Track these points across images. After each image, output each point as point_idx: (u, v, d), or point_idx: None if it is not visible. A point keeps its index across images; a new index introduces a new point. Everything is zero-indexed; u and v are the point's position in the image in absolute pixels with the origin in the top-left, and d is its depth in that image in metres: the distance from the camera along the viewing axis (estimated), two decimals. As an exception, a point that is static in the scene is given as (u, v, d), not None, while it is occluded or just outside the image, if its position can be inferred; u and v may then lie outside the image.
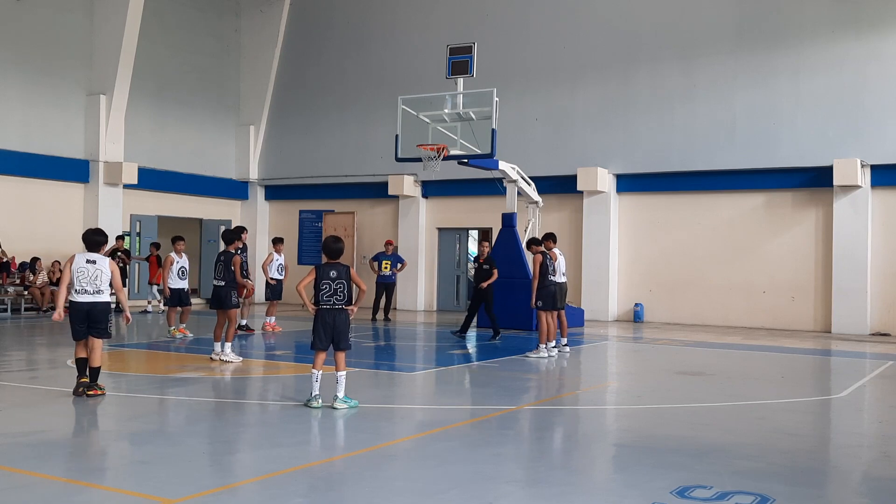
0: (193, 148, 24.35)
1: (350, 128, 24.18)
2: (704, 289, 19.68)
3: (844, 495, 5.83)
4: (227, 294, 11.69)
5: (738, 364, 13.03)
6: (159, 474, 5.86)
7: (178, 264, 14.63)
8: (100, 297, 8.62)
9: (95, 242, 8.78)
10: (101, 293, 8.61)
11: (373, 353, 13.36)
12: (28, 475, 5.70)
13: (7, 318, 17.86)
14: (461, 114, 15.84)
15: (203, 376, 10.28)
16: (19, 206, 19.92)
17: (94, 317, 8.62)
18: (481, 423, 7.94)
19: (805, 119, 18.61)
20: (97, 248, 8.77)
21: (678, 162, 19.83)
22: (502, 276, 17.50)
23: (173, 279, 14.51)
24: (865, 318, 17.94)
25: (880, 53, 18.01)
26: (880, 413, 9.27)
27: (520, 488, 5.72)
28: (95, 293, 8.58)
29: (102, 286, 8.60)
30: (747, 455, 6.61)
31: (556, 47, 21.35)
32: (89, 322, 8.63)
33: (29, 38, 20.32)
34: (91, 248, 8.74)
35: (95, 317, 8.62)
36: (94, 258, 8.67)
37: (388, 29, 23.74)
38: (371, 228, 24.00)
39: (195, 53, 24.45)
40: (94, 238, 8.80)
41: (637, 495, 5.45)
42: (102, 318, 8.66)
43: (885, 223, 18.07)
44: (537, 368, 11.66)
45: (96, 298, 8.60)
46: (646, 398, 9.64)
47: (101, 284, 8.60)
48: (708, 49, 19.63)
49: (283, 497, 5.33)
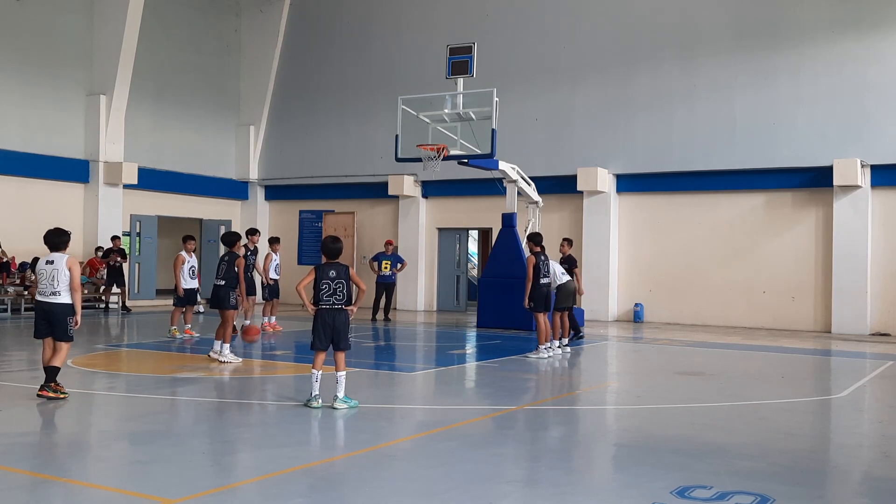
0: (193, 148, 24.35)
1: (350, 128, 24.18)
2: (704, 289, 19.68)
3: (844, 495, 5.83)
4: (226, 294, 11.65)
5: (738, 364, 13.03)
6: (159, 474, 5.86)
7: (189, 263, 14.57)
8: (56, 299, 8.45)
9: (54, 244, 8.60)
10: (57, 294, 8.44)
11: (373, 353, 13.36)
12: (28, 475, 5.70)
13: (7, 318, 17.86)
14: (461, 114, 15.84)
15: (203, 376, 10.28)
16: (19, 206, 19.92)
17: (52, 318, 8.48)
18: (481, 423, 7.94)
19: (805, 119, 18.61)
20: (58, 249, 8.59)
21: (678, 162, 19.83)
22: (502, 276, 17.52)
23: (185, 279, 14.47)
24: (865, 318, 17.94)
25: (880, 53, 18.00)
26: (880, 413, 9.27)
27: (520, 488, 5.72)
28: (51, 294, 8.45)
29: (59, 287, 8.43)
30: (747, 455, 6.61)
31: (556, 47, 21.35)
32: (49, 323, 8.50)
33: (29, 38, 20.32)
34: (53, 249, 8.58)
35: (55, 318, 8.47)
36: (53, 258, 8.53)
37: (389, 29, 23.75)
38: (371, 228, 24.00)
39: (195, 53, 24.45)
40: (53, 239, 8.62)
41: (637, 495, 5.45)
42: (61, 319, 8.47)
43: (885, 223, 18.07)
44: (537, 368, 11.66)
45: (53, 300, 8.45)
46: (646, 398, 9.64)
47: (59, 285, 8.43)
48: (708, 49, 19.63)
49: (283, 497, 5.32)
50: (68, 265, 8.48)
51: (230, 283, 11.71)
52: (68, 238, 8.75)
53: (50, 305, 8.47)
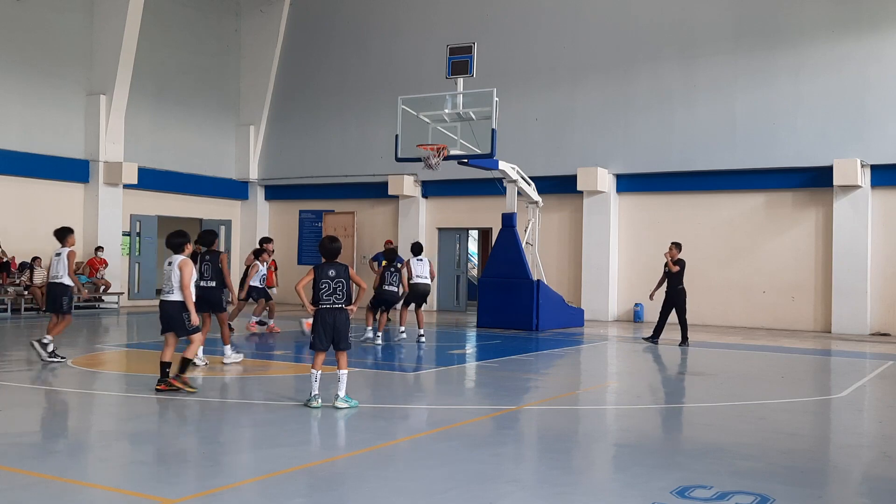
0: (193, 148, 24.35)
1: (350, 128, 24.18)
2: (704, 289, 19.66)
3: (844, 495, 5.83)
4: (219, 296, 11.28)
5: (738, 364, 13.03)
6: (159, 474, 5.86)
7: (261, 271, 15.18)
8: (170, 297, 8.93)
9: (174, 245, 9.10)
10: (171, 293, 8.94)
11: (373, 353, 13.35)
12: (28, 475, 5.70)
13: (7, 318, 17.86)
14: (461, 114, 15.84)
15: (203, 376, 10.28)
16: (19, 206, 19.92)
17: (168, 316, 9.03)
18: (481, 423, 7.94)
19: (805, 119, 18.60)
20: (178, 251, 9.05)
21: (678, 162, 19.83)
22: (502, 276, 17.53)
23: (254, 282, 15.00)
24: (865, 318, 17.94)
25: (880, 53, 18.01)
26: (880, 413, 9.27)
27: (520, 488, 5.72)
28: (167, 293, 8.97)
29: (174, 286, 8.90)
30: (747, 455, 6.61)
31: (556, 47, 21.35)
32: (168, 321, 8.99)
33: (29, 38, 20.32)
34: (173, 251, 9.06)
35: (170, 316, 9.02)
36: (172, 259, 9.04)
37: (389, 29, 23.75)
38: (371, 228, 24.00)
39: (195, 53, 24.45)
40: (173, 241, 9.13)
41: (637, 495, 5.44)
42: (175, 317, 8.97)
43: (885, 223, 18.07)
44: (537, 368, 11.65)
45: (168, 298, 8.95)
46: (646, 398, 9.64)
47: (173, 285, 8.92)
48: (708, 49, 19.63)
49: (283, 497, 5.32)
50: (179, 266, 8.92)
51: (220, 283, 11.28)
52: (187, 240, 9.22)
53: (165, 304, 8.96)
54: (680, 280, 14.89)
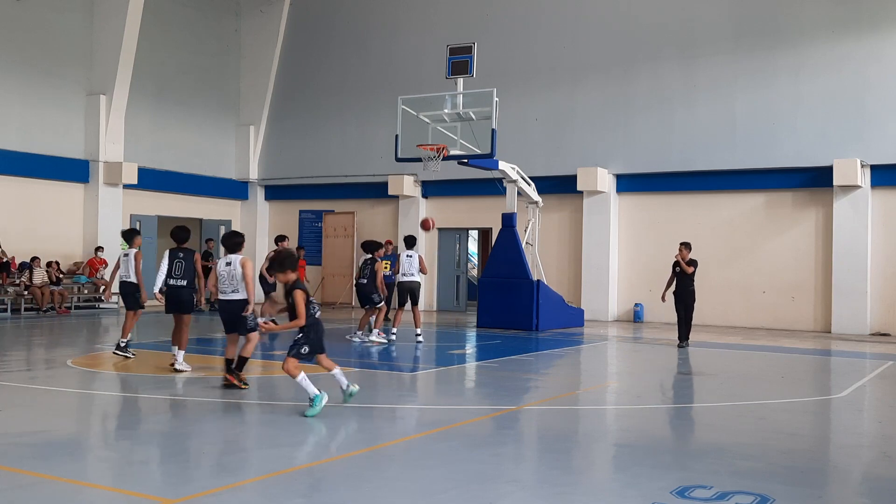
0: (193, 148, 24.35)
1: (350, 128, 24.18)
2: (704, 289, 19.56)
3: (844, 495, 5.83)
4: (189, 297, 10.85)
5: (738, 364, 13.03)
6: (159, 474, 5.86)
7: None
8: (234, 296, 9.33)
9: (230, 245, 9.43)
10: (235, 292, 9.33)
11: (373, 353, 13.35)
12: (28, 475, 5.70)
13: (7, 318, 17.85)
14: (461, 114, 15.84)
15: (202, 376, 10.27)
16: (19, 206, 19.92)
17: (231, 315, 9.43)
18: (481, 423, 7.94)
19: (805, 119, 18.60)
20: (234, 251, 9.38)
21: (678, 162, 19.83)
22: (502, 276, 17.52)
23: None
24: (865, 318, 17.94)
25: (880, 54, 18.01)
26: (880, 413, 9.27)
27: (520, 488, 5.72)
28: (231, 292, 9.35)
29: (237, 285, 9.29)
30: (747, 455, 6.60)
31: (556, 47, 21.35)
32: (231, 319, 9.39)
33: (29, 38, 20.32)
34: (229, 251, 9.39)
35: (233, 315, 9.42)
36: (231, 259, 9.39)
37: (389, 29, 23.75)
38: (371, 228, 23.97)
39: (195, 53, 24.45)
40: (229, 242, 9.49)
41: (637, 495, 5.44)
42: (238, 315, 9.36)
43: (885, 223, 18.07)
44: (537, 369, 11.65)
45: (231, 297, 9.34)
46: (646, 398, 9.64)
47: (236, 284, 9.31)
48: (708, 49, 19.63)
49: (283, 497, 5.32)
50: (241, 263, 9.22)
51: (191, 283, 10.82)
52: (243, 240, 9.55)
53: (228, 303, 9.26)
54: (693, 280, 14.46)
